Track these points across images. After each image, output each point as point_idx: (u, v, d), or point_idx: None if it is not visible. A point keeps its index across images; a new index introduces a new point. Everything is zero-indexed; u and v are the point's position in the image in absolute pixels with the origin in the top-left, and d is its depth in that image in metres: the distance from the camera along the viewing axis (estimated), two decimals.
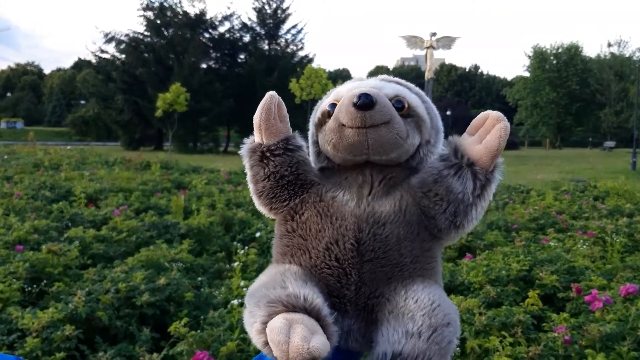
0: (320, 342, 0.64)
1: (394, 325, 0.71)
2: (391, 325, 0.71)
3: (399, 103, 0.80)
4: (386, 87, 0.82)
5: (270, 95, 0.82)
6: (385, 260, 0.77)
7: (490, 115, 0.77)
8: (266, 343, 0.68)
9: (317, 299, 0.71)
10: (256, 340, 0.70)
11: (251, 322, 0.72)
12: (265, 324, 0.69)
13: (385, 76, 0.90)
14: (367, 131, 0.75)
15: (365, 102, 0.74)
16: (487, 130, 0.76)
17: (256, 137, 0.84)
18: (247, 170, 0.86)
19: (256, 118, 0.82)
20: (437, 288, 0.78)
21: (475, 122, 0.79)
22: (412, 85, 0.89)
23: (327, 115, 0.82)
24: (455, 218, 0.78)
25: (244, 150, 0.85)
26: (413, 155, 0.83)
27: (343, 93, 0.81)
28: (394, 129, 0.77)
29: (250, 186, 0.87)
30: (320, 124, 0.84)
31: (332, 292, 0.78)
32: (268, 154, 0.82)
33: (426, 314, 0.70)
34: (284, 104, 0.84)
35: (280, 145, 0.82)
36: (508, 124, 0.75)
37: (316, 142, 0.86)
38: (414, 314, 0.71)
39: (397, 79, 0.89)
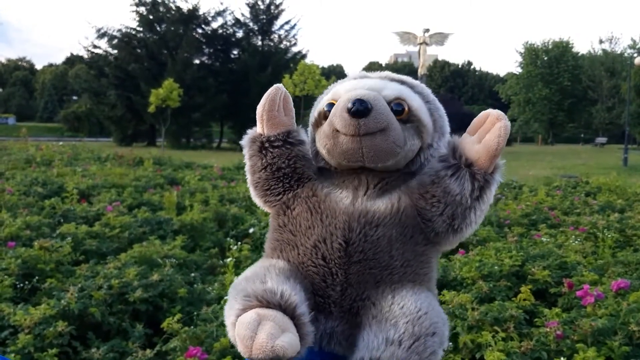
0: (287, 341, 0.62)
1: (375, 331, 0.69)
2: (373, 330, 0.69)
3: (398, 106, 0.76)
4: (387, 88, 0.78)
5: (277, 87, 0.81)
6: (375, 263, 0.74)
7: (491, 114, 0.74)
8: None
9: (294, 297, 0.69)
10: (230, 335, 0.69)
11: (228, 315, 0.70)
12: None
13: (388, 73, 0.86)
14: (361, 139, 0.72)
15: (359, 110, 0.71)
16: (487, 130, 0.73)
17: (258, 128, 0.83)
18: (246, 160, 0.85)
19: (259, 108, 0.81)
20: (428, 295, 0.75)
21: (475, 121, 0.76)
22: (417, 84, 0.85)
23: (323, 116, 0.79)
24: (453, 221, 0.76)
25: (244, 139, 0.85)
26: (412, 160, 0.80)
27: (341, 92, 0.78)
28: (390, 137, 0.73)
29: (248, 177, 0.86)
30: (317, 124, 0.81)
31: (317, 291, 0.76)
32: (267, 145, 0.81)
33: (410, 321, 0.68)
34: (290, 97, 0.83)
35: (280, 137, 0.81)
36: (508, 122, 0.72)
37: (314, 141, 0.83)
38: (397, 321, 0.68)
39: (401, 76, 0.85)
